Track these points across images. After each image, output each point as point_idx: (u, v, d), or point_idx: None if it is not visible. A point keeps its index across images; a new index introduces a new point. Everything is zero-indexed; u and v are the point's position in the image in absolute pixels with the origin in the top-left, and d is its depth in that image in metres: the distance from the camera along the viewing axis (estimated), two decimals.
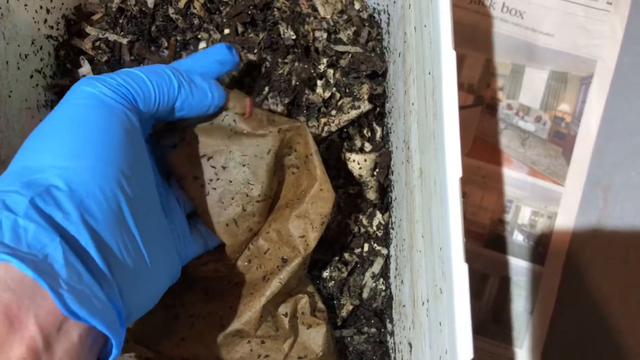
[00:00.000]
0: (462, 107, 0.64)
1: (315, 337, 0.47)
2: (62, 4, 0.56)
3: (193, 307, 0.46)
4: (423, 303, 0.38)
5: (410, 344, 0.43)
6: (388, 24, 0.55)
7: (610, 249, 0.60)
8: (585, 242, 0.60)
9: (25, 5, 0.51)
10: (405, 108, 0.45)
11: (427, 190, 0.37)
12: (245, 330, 0.45)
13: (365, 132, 0.57)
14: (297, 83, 0.55)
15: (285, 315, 0.46)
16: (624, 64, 0.64)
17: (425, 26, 0.37)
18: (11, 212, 0.27)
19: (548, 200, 0.62)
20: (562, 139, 0.63)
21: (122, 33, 0.56)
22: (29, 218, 0.27)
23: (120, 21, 0.57)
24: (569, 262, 0.60)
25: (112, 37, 0.56)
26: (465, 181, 0.62)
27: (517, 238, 0.61)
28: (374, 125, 0.57)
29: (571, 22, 0.66)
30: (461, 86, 0.65)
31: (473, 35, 0.66)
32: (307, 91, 0.56)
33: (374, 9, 0.58)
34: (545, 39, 0.66)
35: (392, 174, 0.54)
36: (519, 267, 0.60)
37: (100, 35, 0.56)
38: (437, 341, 0.34)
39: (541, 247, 0.60)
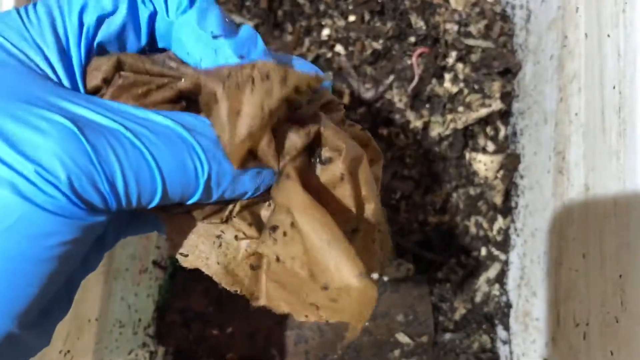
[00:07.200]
0: None
1: None
2: None
3: None
4: (578, 324, 0.37)
5: None
6: (527, 21, 0.52)
7: None
8: None
9: None
10: (559, 116, 0.43)
11: (597, 209, 0.35)
12: None
13: (488, 130, 0.55)
14: (424, 75, 0.54)
15: None
16: None
17: (608, 36, 0.35)
18: None
19: None
20: None
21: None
22: None
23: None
24: None
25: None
26: None
27: None
28: (498, 124, 0.55)
29: None
30: None
31: None
32: (432, 82, 0.55)
33: (507, 2, 0.55)
34: None
35: (522, 179, 0.52)
36: None
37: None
38: None
39: None
